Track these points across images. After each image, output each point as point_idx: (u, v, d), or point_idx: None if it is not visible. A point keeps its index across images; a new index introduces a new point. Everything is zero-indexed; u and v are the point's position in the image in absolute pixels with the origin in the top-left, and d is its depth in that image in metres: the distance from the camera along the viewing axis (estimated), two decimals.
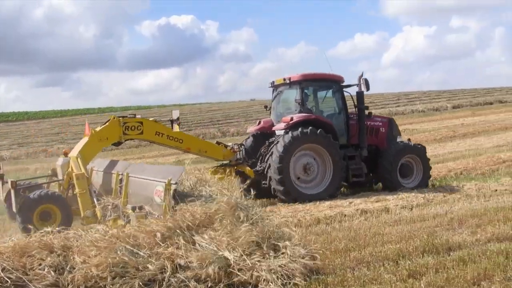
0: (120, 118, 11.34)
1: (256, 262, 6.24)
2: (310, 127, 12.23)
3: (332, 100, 13.46)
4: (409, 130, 29.96)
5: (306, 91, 13.03)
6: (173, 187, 8.15)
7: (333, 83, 13.32)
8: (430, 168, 13.84)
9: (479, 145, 22.12)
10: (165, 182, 8.17)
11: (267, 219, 7.47)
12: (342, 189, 13.49)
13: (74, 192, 9.93)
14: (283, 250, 6.49)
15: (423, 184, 13.33)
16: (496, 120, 32.37)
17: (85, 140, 10.95)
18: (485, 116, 36.09)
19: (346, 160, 12.79)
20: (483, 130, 27.93)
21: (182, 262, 6.26)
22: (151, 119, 12.29)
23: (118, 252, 6.20)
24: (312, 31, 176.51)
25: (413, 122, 36.95)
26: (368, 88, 12.89)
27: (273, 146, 12.30)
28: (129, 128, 11.34)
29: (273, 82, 13.45)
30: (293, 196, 12.14)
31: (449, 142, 24.91)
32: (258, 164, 12.83)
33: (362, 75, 12.95)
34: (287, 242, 6.67)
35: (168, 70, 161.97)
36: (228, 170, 12.87)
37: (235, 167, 12.87)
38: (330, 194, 12.37)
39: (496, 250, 6.98)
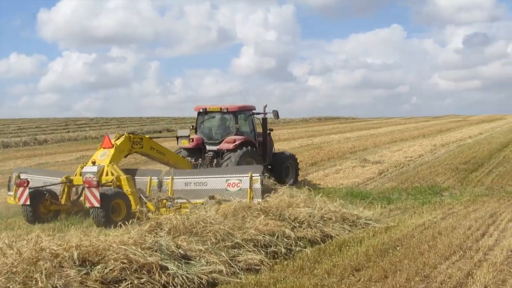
0: (131, 135, 13.89)
1: None
2: (254, 148, 16.72)
3: (247, 124, 17.55)
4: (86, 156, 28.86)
5: (238, 117, 16.88)
6: (257, 178, 12.33)
7: (250, 111, 17.64)
8: (299, 169, 18.92)
9: None
10: (247, 176, 12.36)
11: None
12: None
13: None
14: None
15: (296, 182, 17.73)
16: None
17: (108, 151, 13.19)
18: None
19: None
20: None
21: None
22: (147, 136, 14.86)
23: None
24: None
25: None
26: (278, 117, 17.43)
27: (227, 155, 15.80)
28: (135, 142, 13.84)
29: (205, 108, 17.12)
30: None
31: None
32: None
33: (266, 106, 17.52)
34: None
35: None
36: None
37: None
38: None
39: None
